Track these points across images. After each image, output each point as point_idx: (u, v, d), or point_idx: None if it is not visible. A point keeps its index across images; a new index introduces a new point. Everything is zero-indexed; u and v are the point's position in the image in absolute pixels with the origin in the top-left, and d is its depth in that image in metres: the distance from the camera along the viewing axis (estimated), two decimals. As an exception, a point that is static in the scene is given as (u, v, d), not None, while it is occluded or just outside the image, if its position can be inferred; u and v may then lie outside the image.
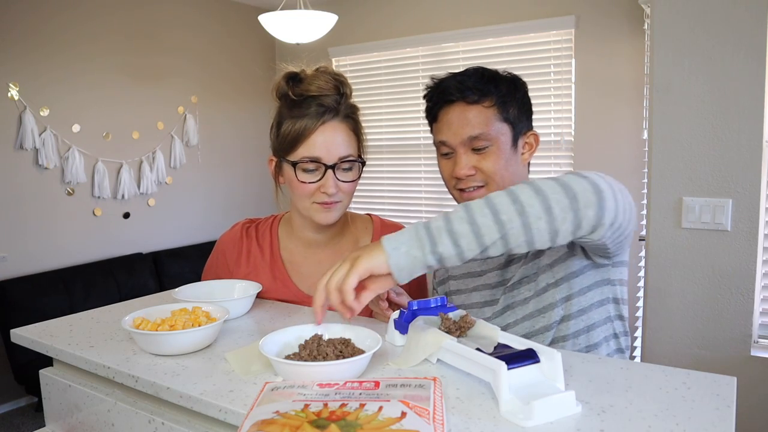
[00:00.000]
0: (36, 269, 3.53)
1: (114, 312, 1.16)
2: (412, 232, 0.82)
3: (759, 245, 1.92)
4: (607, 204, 0.82)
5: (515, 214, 0.79)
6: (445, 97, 1.12)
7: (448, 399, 0.74)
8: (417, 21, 4.16)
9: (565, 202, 0.80)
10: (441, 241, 0.80)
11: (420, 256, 0.80)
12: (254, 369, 0.84)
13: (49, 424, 1.06)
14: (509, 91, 1.12)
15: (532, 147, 1.19)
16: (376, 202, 4.52)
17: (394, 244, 0.81)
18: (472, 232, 0.79)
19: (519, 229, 0.79)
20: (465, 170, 1.11)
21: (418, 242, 0.81)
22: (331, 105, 1.15)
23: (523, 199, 0.80)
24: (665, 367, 0.82)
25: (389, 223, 1.35)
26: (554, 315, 1.09)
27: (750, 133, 1.87)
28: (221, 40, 4.54)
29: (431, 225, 0.81)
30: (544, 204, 0.79)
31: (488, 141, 1.10)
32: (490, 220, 0.79)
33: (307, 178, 1.15)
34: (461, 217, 0.80)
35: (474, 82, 1.10)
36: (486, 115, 1.10)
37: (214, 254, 1.35)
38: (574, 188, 0.81)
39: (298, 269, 1.28)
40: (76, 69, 3.67)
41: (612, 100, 3.52)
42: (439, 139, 1.15)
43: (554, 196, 0.80)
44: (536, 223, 0.79)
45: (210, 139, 4.48)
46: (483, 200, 0.82)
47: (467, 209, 0.81)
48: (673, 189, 2.00)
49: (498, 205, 0.80)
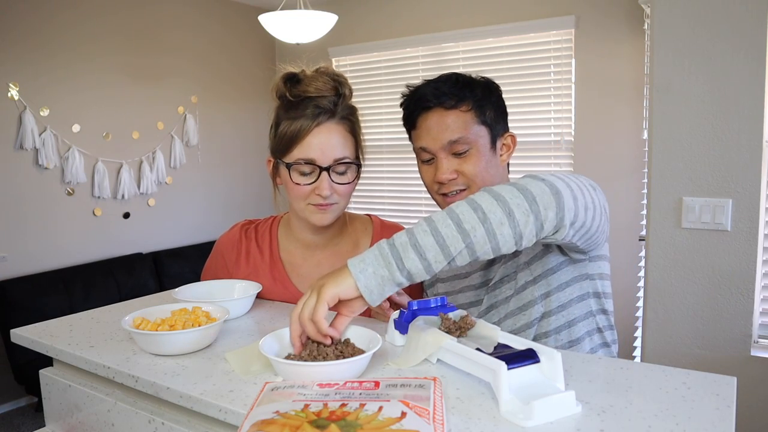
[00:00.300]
0: (36, 269, 3.53)
1: (114, 312, 1.16)
2: (376, 251, 0.81)
3: (759, 245, 1.92)
4: (566, 204, 0.83)
5: (478, 222, 0.79)
6: (423, 104, 1.14)
7: (448, 399, 0.74)
8: (417, 21, 4.16)
9: (525, 205, 0.81)
10: (407, 256, 0.80)
11: (387, 275, 0.80)
12: (254, 369, 0.84)
13: (49, 424, 1.06)
14: (484, 95, 1.14)
15: (510, 148, 1.20)
16: (376, 202, 4.52)
17: (360, 266, 0.80)
18: (437, 243, 0.79)
19: (483, 236, 0.80)
20: (447, 174, 1.12)
21: (384, 260, 0.80)
22: (327, 106, 1.14)
23: (485, 206, 0.80)
24: (665, 367, 0.82)
25: (389, 223, 1.35)
26: (534, 312, 1.10)
27: (750, 133, 1.87)
28: (221, 40, 4.54)
29: (395, 241, 0.81)
30: (504, 209, 0.80)
31: (468, 144, 1.11)
32: (454, 230, 0.79)
33: (301, 180, 1.15)
34: (424, 230, 0.80)
35: (449, 87, 1.12)
36: (464, 119, 1.11)
37: (213, 255, 1.35)
38: (532, 191, 0.82)
39: (298, 270, 1.28)
40: (76, 69, 3.67)
41: (612, 100, 3.52)
42: (419, 146, 1.16)
43: (514, 201, 0.80)
44: (499, 228, 0.80)
45: (210, 139, 4.48)
46: (445, 211, 0.82)
47: (429, 222, 0.81)
48: (673, 189, 2.00)
49: (460, 214, 0.80)
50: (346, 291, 0.81)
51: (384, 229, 1.33)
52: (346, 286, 0.80)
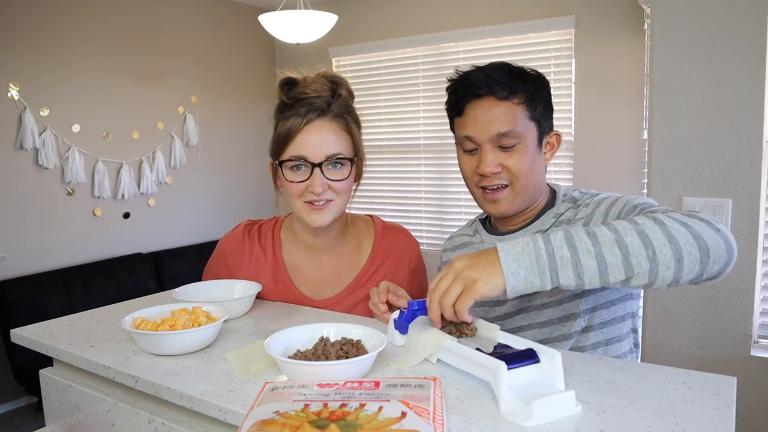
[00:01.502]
0: (36, 269, 3.53)
1: (114, 312, 1.16)
2: (533, 256, 0.79)
3: (759, 245, 1.92)
4: (733, 261, 0.81)
5: (645, 260, 0.77)
6: (473, 90, 1.08)
7: (448, 399, 0.74)
8: (417, 21, 4.16)
9: (697, 256, 0.78)
10: (564, 272, 0.78)
11: (538, 284, 0.79)
12: (254, 369, 0.84)
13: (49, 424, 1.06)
14: (537, 89, 1.10)
15: (554, 147, 1.16)
16: (376, 202, 4.52)
17: (514, 268, 0.79)
18: (598, 269, 0.77)
19: (645, 274, 0.78)
20: (491, 167, 1.07)
21: (539, 268, 0.78)
22: (319, 105, 1.14)
23: (656, 245, 0.77)
24: (665, 367, 0.82)
25: (390, 225, 1.35)
26: (576, 325, 1.07)
27: (750, 133, 1.87)
28: (221, 40, 4.54)
29: (555, 252, 0.78)
30: (676, 254, 0.77)
31: (516, 139, 1.06)
32: (619, 261, 0.77)
33: (294, 177, 1.15)
34: (588, 251, 0.78)
35: (503, 77, 1.07)
36: (515, 112, 1.07)
37: (215, 255, 1.35)
38: (708, 242, 0.79)
39: (300, 272, 1.28)
40: (76, 69, 3.67)
41: (612, 100, 3.52)
42: (464, 134, 1.10)
43: (687, 248, 0.78)
44: (664, 271, 0.78)
45: (210, 139, 4.48)
46: (612, 234, 0.79)
47: (594, 242, 0.78)
48: (673, 189, 2.00)
49: (630, 246, 0.77)
50: (493, 290, 0.79)
51: (386, 230, 1.32)
52: (494, 285, 0.79)
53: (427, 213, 4.33)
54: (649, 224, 0.80)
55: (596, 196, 1.11)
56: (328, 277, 1.27)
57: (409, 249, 1.33)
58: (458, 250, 1.26)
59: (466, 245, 1.25)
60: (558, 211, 1.14)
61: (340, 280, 1.27)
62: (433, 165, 4.26)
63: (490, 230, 1.22)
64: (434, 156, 4.24)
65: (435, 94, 4.13)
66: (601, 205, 1.07)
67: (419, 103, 4.25)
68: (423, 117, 4.25)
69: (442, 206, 4.26)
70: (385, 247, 1.29)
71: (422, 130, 4.27)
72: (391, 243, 1.30)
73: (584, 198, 1.13)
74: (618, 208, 1.03)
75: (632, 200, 1.02)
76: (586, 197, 1.13)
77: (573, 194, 1.17)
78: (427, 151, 4.26)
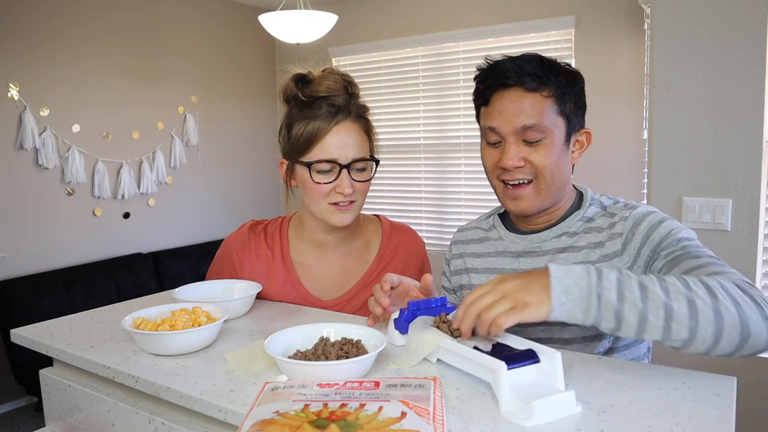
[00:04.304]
0: (36, 269, 3.53)
1: (114, 312, 1.16)
2: (584, 292, 0.77)
3: (759, 245, 1.92)
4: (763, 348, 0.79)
5: (686, 330, 0.76)
6: (502, 80, 1.04)
7: (448, 399, 0.74)
8: (417, 21, 4.16)
9: (736, 340, 0.76)
10: (606, 318, 0.77)
11: (580, 319, 0.78)
12: (254, 369, 0.84)
13: (49, 424, 1.06)
14: (568, 83, 1.05)
15: (584, 146, 1.11)
16: (376, 202, 4.52)
17: (562, 299, 0.77)
18: (638, 324, 0.76)
19: (680, 342, 0.77)
20: (514, 161, 1.03)
21: (586, 307, 0.77)
22: (342, 105, 1.15)
23: (701, 320, 0.75)
24: (665, 367, 0.82)
25: (398, 224, 1.35)
26: (600, 346, 1.05)
27: (750, 133, 1.87)
28: (221, 40, 4.54)
29: (603, 294, 0.77)
30: (717, 333, 0.76)
31: (542, 133, 1.02)
32: (661, 324, 0.76)
33: (322, 179, 1.15)
34: (634, 303, 0.76)
35: (534, 68, 1.03)
36: (543, 105, 1.02)
37: (220, 256, 1.34)
38: (752, 329, 0.76)
39: (308, 271, 1.28)
40: (76, 69, 3.67)
41: (612, 100, 3.52)
42: (488, 125, 1.06)
43: (730, 330, 0.76)
44: (698, 344, 0.76)
45: (210, 139, 4.48)
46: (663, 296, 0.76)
47: (644, 297, 0.76)
48: (673, 189, 2.00)
49: (675, 312, 0.76)
50: (539, 317, 0.77)
51: (393, 231, 1.33)
52: (540, 313, 0.77)
53: (427, 213, 4.33)
54: (702, 293, 0.77)
55: (634, 209, 1.06)
56: (337, 275, 1.27)
57: (416, 248, 1.33)
58: (471, 244, 1.21)
59: (482, 240, 1.20)
60: (586, 214, 1.10)
61: (348, 278, 1.27)
62: (433, 165, 4.26)
63: (511, 227, 1.17)
64: (434, 156, 4.24)
65: (435, 94, 4.13)
66: (641, 225, 1.02)
67: (419, 103, 4.25)
68: (423, 117, 4.25)
69: (442, 206, 4.26)
70: (392, 246, 1.30)
71: (422, 130, 4.27)
72: (399, 242, 1.31)
73: (616, 208, 1.09)
74: (660, 236, 0.99)
75: (675, 231, 0.98)
76: (619, 207, 1.08)
77: (601, 199, 1.13)
78: (427, 151, 4.26)
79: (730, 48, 1.87)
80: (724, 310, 0.76)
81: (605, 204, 1.11)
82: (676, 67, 1.95)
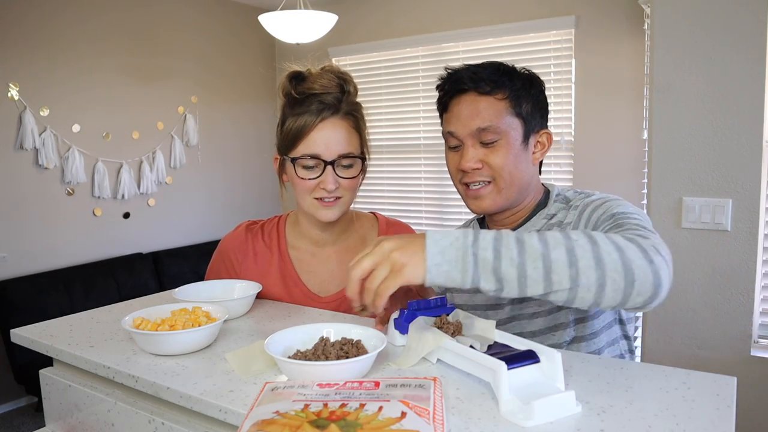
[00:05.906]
0: (36, 269, 3.53)
1: (114, 312, 1.16)
2: (459, 252, 0.77)
3: (759, 245, 1.92)
4: (660, 296, 0.79)
5: (567, 279, 0.75)
6: (458, 86, 1.09)
7: (448, 399, 0.74)
8: (417, 21, 4.16)
9: (621, 284, 0.76)
10: (485, 277, 0.76)
11: (459, 280, 0.77)
12: (254, 369, 0.84)
13: (49, 424, 1.06)
14: (524, 86, 1.08)
15: (545, 146, 1.14)
16: (376, 202, 4.52)
17: (438, 260, 0.77)
18: (518, 280, 0.75)
19: (564, 293, 0.76)
20: (471, 163, 1.06)
21: (462, 267, 0.76)
22: (331, 102, 1.15)
23: (581, 266, 0.75)
24: (665, 367, 0.82)
25: (394, 221, 1.36)
26: (565, 335, 1.07)
27: (750, 133, 1.87)
28: (221, 40, 4.54)
29: (479, 253, 0.76)
30: (599, 279, 0.75)
31: (497, 134, 1.05)
32: (540, 275, 0.75)
33: (306, 174, 1.16)
34: (512, 258, 0.75)
35: (489, 73, 1.07)
36: (497, 107, 1.06)
37: (217, 257, 1.34)
38: (635, 273, 0.76)
39: (307, 267, 1.29)
40: (76, 69, 3.67)
41: (612, 100, 3.52)
42: (447, 130, 1.11)
43: (612, 275, 0.75)
44: (583, 293, 0.76)
45: (210, 139, 4.48)
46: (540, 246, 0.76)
47: (521, 251, 0.76)
48: (673, 189, 2.00)
49: (554, 262, 0.75)
50: (416, 279, 0.77)
51: (389, 227, 1.33)
52: (417, 274, 0.77)
53: (427, 213, 4.33)
54: (582, 242, 0.77)
55: (588, 197, 1.09)
56: (335, 271, 1.28)
57: None
58: None
59: None
60: (550, 211, 1.12)
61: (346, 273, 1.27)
62: (433, 165, 4.26)
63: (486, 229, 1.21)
64: (434, 156, 4.24)
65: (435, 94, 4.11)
66: (587, 208, 1.04)
67: (419, 103, 4.25)
68: (423, 117, 4.25)
69: (442, 206, 4.26)
70: None
71: (422, 130, 4.27)
72: None
73: (577, 199, 1.11)
74: (598, 215, 1.00)
75: (613, 207, 0.99)
76: (579, 198, 1.11)
77: (567, 194, 1.15)
78: (427, 151, 4.27)
79: (730, 48, 1.87)
80: (605, 255, 0.76)
81: (569, 198, 1.13)
82: (676, 67, 1.95)
